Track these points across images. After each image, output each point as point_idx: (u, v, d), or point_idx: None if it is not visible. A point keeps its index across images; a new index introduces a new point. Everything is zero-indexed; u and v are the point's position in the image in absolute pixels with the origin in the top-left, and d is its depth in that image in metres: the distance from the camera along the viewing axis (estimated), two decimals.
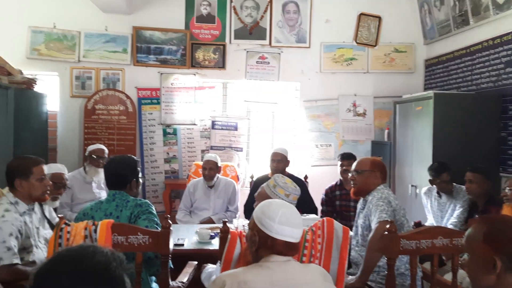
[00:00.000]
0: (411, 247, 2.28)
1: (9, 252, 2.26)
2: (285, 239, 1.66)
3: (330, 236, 2.21)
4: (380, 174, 2.87)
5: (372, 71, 5.42)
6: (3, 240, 2.26)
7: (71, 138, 5.03)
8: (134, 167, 2.54)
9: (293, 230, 1.68)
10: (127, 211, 2.36)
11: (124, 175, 2.47)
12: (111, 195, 2.44)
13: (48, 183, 2.54)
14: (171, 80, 5.15)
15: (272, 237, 1.66)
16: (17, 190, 2.46)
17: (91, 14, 4.95)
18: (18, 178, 2.44)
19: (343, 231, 2.23)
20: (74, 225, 2.08)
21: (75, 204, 3.81)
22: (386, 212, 2.56)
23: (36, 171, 2.47)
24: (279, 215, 1.67)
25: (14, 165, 2.49)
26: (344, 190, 4.03)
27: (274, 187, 2.53)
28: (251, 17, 5.21)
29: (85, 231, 2.06)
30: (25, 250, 2.43)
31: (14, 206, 2.42)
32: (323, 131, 5.38)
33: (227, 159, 5.11)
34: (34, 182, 2.47)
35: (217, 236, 3.13)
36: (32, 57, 4.94)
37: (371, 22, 5.37)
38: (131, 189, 2.50)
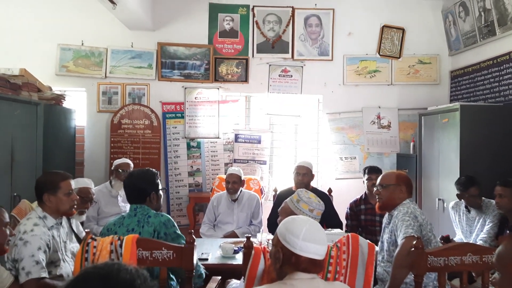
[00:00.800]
0: (439, 263, 2.22)
1: (38, 266, 2.30)
2: (309, 256, 1.64)
3: (355, 252, 2.18)
4: (406, 188, 2.81)
5: (396, 83, 5.36)
6: (31, 254, 2.31)
7: (97, 152, 5.14)
8: (152, 180, 2.56)
9: (317, 247, 1.65)
10: (149, 227, 2.38)
11: (142, 188, 2.50)
12: (132, 209, 2.48)
13: (75, 197, 2.59)
14: (194, 94, 5.21)
15: (296, 254, 1.63)
16: (46, 204, 2.51)
17: (117, 31, 5.09)
18: (47, 193, 2.49)
19: (369, 247, 2.20)
20: (100, 240, 2.11)
21: (101, 218, 3.87)
22: (412, 227, 2.50)
23: (63, 186, 2.53)
24: (304, 231, 1.65)
25: (42, 180, 2.55)
26: (369, 204, 3.97)
27: (297, 202, 2.51)
28: (274, 31, 5.25)
29: (110, 246, 2.08)
30: (52, 264, 2.47)
31: (42, 220, 2.47)
32: (347, 144, 5.33)
33: (250, 172, 5.12)
34: (62, 196, 2.51)
35: (241, 251, 3.12)
36: (61, 73, 5.09)
37: (395, 34, 5.33)
38: (151, 202, 2.52)
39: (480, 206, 3.53)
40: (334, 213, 3.93)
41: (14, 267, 2.34)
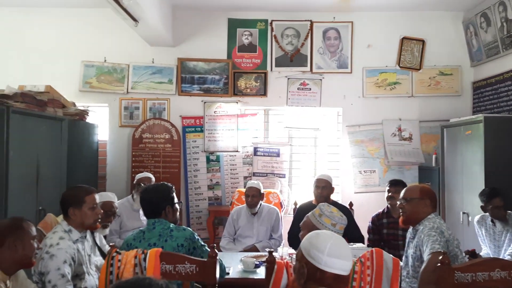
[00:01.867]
0: (467, 280, 2.17)
1: (63, 279, 2.33)
2: (334, 272, 1.62)
3: (380, 267, 2.15)
4: (430, 202, 2.77)
5: (417, 95, 5.31)
6: (57, 267, 2.34)
7: (119, 166, 5.21)
8: (167, 194, 2.59)
9: (343, 262, 1.63)
10: (173, 242, 2.40)
11: (157, 203, 2.54)
12: (150, 224, 2.51)
13: (99, 211, 2.63)
14: (214, 108, 5.26)
15: (321, 269, 1.62)
16: (71, 218, 2.55)
17: (139, 47, 5.20)
18: (72, 207, 2.54)
19: (394, 262, 2.17)
20: (124, 254, 2.13)
21: (123, 232, 3.90)
22: (439, 242, 2.45)
23: (88, 200, 2.57)
24: (328, 246, 1.63)
25: (68, 194, 2.60)
26: (391, 218, 3.90)
27: (319, 216, 2.49)
28: (292, 44, 5.28)
29: (135, 260, 2.10)
30: (77, 277, 2.50)
31: (68, 234, 2.51)
32: (366, 157, 5.28)
33: (270, 185, 5.11)
34: (86, 210, 2.56)
35: (262, 265, 3.11)
36: (84, 89, 5.21)
37: (414, 46, 5.30)
38: (167, 216, 2.55)
39: (506, 218, 3.44)
40: (356, 227, 3.88)
41: (40, 280, 2.38)
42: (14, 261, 2.07)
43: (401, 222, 2.88)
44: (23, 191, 3.45)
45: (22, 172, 3.42)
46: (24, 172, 3.46)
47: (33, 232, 2.16)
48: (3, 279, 2.05)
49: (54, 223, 2.99)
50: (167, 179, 4.89)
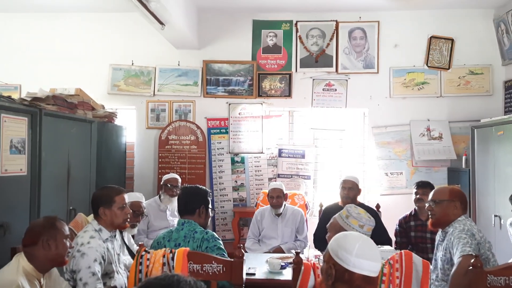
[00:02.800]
0: (500, 283, 2.11)
1: (94, 277, 2.38)
2: (363, 273, 1.61)
3: (409, 270, 2.12)
4: (460, 204, 2.71)
5: (446, 94, 5.20)
6: (88, 265, 2.40)
7: (146, 167, 5.30)
8: (204, 195, 2.66)
9: (371, 263, 1.62)
10: (194, 243, 2.44)
11: (193, 200, 2.59)
12: (180, 224, 2.55)
13: (128, 211, 2.68)
14: (238, 110, 5.29)
15: (349, 270, 1.61)
16: (101, 218, 2.61)
17: (165, 50, 5.27)
18: (102, 207, 2.60)
19: (423, 265, 2.13)
20: (153, 253, 2.16)
21: (151, 231, 3.97)
22: (470, 245, 2.40)
23: (118, 200, 2.62)
24: (357, 247, 1.62)
25: (98, 194, 2.66)
26: (419, 220, 3.85)
27: (347, 218, 2.47)
28: (317, 45, 5.25)
29: (163, 259, 2.13)
30: (107, 276, 2.56)
31: (98, 233, 2.57)
32: (393, 159, 5.20)
33: (294, 187, 5.09)
34: (116, 210, 2.61)
35: (288, 266, 3.10)
36: (112, 92, 5.33)
37: (443, 45, 5.19)
38: (200, 216, 2.58)
39: None
40: (383, 230, 3.83)
41: (72, 277, 2.44)
42: (48, 259, 2.14)
43: (430, 225, 2.83)
44: (55, 191, 3.55)
45: (54, 172, 3.52)
46: (55, 173, 3.56)
47: (66, 231, 2.22)
48: (37, 277, 2.12)
49: (85, 222, 3.07)
50: (193, 180, 4.96)
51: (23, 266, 2.07)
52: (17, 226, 3.03)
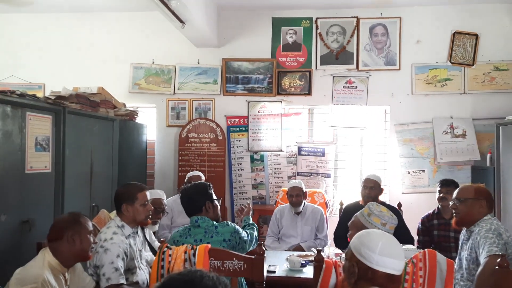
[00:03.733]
0: None
1: (117, 273, 2.41)
2: (386, 271, 1.59)
3: (433, 269, 2.08)
4: (486, 203, 2.66)
5: (470, 91, 5.08)
6: (111, 261, 2.43)
7: (167, 165, 5.35)
8: (205, 191, 2.68)
9: (395, 261, 1.61)
10: (219, 237, 2.46)
11: (196, 200, 2.62)
12: (194, 221, 2.58)
13: (150, 208, 2.71)
14: (258, 107, 5.28)
15: (372, 268, 1.59)
16: (124, 214, 2.64)
17: (185, 49, 5.31)
18: (125, 203, 2.63)
19: (448, 264, 2.09)
20: (175, 249, 2.18)
21: (174, 227, 4.00)
22: (496, 245, 2.34)
23: (140, 197, 2.65)
24: (380, 245, 1.61)
25: (121, 191, 2.69)
26: (442, 219, 3.78)
27: (368, 216, 2.44)
28: (337, 42, 5.20)
29: (184, 255, 2.15)
30: (129, 271, 2.59)
31: (120, 229, 2.60)
32: (415, 157, 5.11)
33: (314, 185, 5.06)
34: (138, 207, 2.64)
35: (308, 264, 3.09)
36: (133, 91, 5.39)
37: (467, 41, 5.08)
38: (208, 211, 2.60)
39: None
40: (405, 229, 3.77)
41: (95, 273, 2.48)
42: (72, 254, 2.17)
43: (454, 224, 2.79)
44: (78, 188, 3.61)
45: (77, 170, 3.58)
46: (79, 170, 3.62)
47: (89, 227, 2.25)
48: (62, 271, 2.16)
49: (108, 218, 3.11)
50: (212, 178, 4.98)
51: (49, 261, 2.11)
52: (41, 222, 3.10)
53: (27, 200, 3.01)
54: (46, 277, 2.01)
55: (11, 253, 2.84)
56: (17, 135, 2.92)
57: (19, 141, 2.94)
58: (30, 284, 1.96)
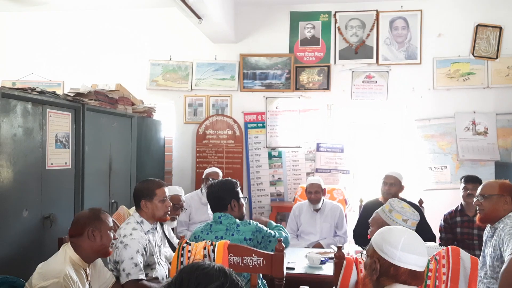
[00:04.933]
0: None
1: (136, 268, 2.42)
2: (409, 268, 1.56)
3: (456, 266, 2.03)
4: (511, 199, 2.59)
5: (493, 85, 4.95)
6: (131, 256, 2.44)
7: (184, 162, 5.36)
8: (231, 189, 2.63)
9: (418, 258, 1.58)
10: (240, 235, 2.43)
11: (222, 197, 2.58)
12: (216, 217, 2.55)
13: (169, 204, 2.71)
14: (275, 103, 5.25)
15: (395, 265, 1.57)
16: (143, 210, 2.65)
17: (202, 45, 5.31)
18: (144, 199, 2.63)
19: (472, 261, 2.04)
20: (194, 245, 2.17)
21: (191, 224, 4.02)
22: None
23: (159, 193, 2.65)
24: (402, 241, 1.58)
25: (140, 187, 2.70)
26: (465, 216, 3.70)
27: (390, 212, 2.40)
28: (357, 36, 5.12)
29: (204, 251, 2.14)
30: (149, 267, 2.60)
31: (140, 225, 2.61)
32: (437, 152, 5.01)
33: (333, 182, 5.01)
34: (157, 203, 2.64)
35: (328, 261, 3.06)
36: (151, 87, 5.41)
37: (490, 33, 4.95)
38: (233, 210, 2.58)
39: None
40: (427, 226, 3.70)
41: (115, 268, 2.50)
42: (93, 250, 2.19)
43: (478, 220, 2.74)
44: (97, 184, 3.64)
45: (96, 166, 3.61)
46: (98, 167, 3.65)
47: (110, 223, 2.26)
48: (83, 266, 2.17)
49: (127, 215, 3.13)
50: (230, 175, 4.97)
51: (70, 256, 2.13)
52: (62, 218, 3.14)
53: (48, 196, 3.04)
54: (68, 272, 2.03)
55: (33, 248, 2.88)
56: (37, 132, 2.95)
57: (39, 137, 2.97)
58: (53, 279, 1.98)
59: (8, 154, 2.66)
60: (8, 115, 2.67)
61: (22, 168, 2.81)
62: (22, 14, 5.56)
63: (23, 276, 2.39)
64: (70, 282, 2.02)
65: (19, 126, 2.78)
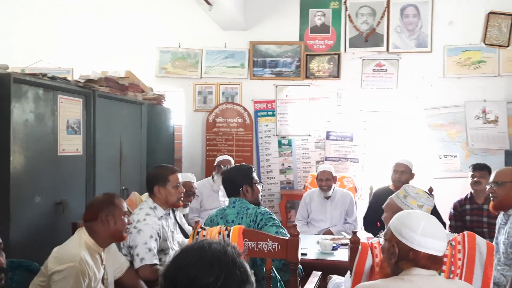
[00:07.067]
0: None
1: (150, 253, 2.44)
2: (429, 252, 1.56)
3: (472, 251, 2.02)
4: None
5: (504, 74, 4.90)
6: (144, 241, 2.46)
7: (194, 150, 5.36)
8: (245, 173, 2.62)
9: (437, 242, 1.58)
10: (247, 218, 2.44)
11: (235, 182, 2.58)
12: (231, 202, 2.56)
13: (182, 190, 2.72)
14: (285, 92, 5.22)
15: (414, 249, 1.56)
16: (156, 196, 2.66)
17: (212, 32, 5.27)
18: (157, 185, 2.64)
19: (488, 247, 2.03)
20: (209, 230, 2.18)
21: (202, 211, 4.03)
22: None
23: (172, 179, 2.66)
24: (422, 226, 1.58)
25: (153, 173, 2.71)
26: (475, 204, 3.71)
27: (404, 198, 2.39)
28: (367, 24, 5.07)
29: (218, 236, 2.14)
30: (162, 252, 2.61)
31: (153, 210, 2.62)
32: (447, 141, 4.99)
33: (343, 170, 5.01)
34: (171, 189, 2.65)
35: (340, 247, 3.07)
36: (160, 75, 5.40)
37: (502, 21, 4.88)
38: (245, 195, 2.57)
39: None
40: (437, 213, 3.69)
41: (129, 253, 2.51)
42: (107, 234, 2.19)
43: (492, 208, 2.75)
44: (109, 171, 3.65)
45: (107, 153, 3.61)
46: (109, 153, 3.66)
47: (124, 208, 2.27)
48: (98, 251, 2.19)
49: (139, 201, 3.14)
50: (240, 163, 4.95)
51: (85, 240, 2.14)
52: (74, 204, 3.15)
53: (60, 182, 3.05)
54: (83, 256, 2.04)
55: (46, 233, 2.89)
56: (49, 117, 2.95)
57: (51, 123, 2.97)
58: (68, 263, 1.99)
59: (20, 139, 2.66)
60: (20, 100, 2.66)
61: (34, 153, 2.81)
62: (29, 1, 5.53)
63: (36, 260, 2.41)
64: (86, 266, 2.03)
65: (30, 111, 2.78)
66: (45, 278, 2.01)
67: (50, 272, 1.98)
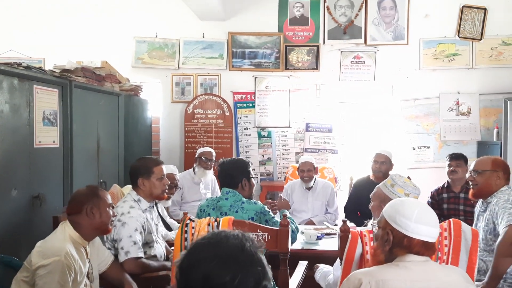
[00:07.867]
0: None
1: (135, 246, 2.39)
2: (423, 239, 1.59)
3: (458, 238, 2.08)
4: (504, 175, 2.71)
5: (477, 66, 5.04)
6: (129, 234, 2.40)
7: (172, 142, 5.27)
8: (243, 168, 2.65)
9: (430, 229, 1.61)
10: (244, 213, 2.44)
11: (234, 175, 2.58)
12: (224, 192, 2.56)
13: (166, 182, 2.67)
14: (265, 83, 5.21)
15: (408, 236, 1.59)
16: (140, 188, 2.60)
17: (189, 22, 5.16)
18: (141, 177, 2.58)
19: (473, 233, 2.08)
20: (198, 221, 2.15)
21: (184, 203, 3.98)
22: None
23: (156, 171, 2.61)
24: (416, 213, 1.61)
25: (137, 165, 2.65)
26: (452, 192, 3.81)
27: (392, 187, 2.42)
28: (345, 16, 5.10)
29: (208, 227, 2.12)
30: (147, 245, 2.57)
31: (137, 203, 2.56)
32: (421, 133, 5.10)
33: (322, 161, 5.04)
34: (155, 181, 2.60)
35: (324, 237, 3.10)
36: (136, 65, 5.26)
37: (475, 15, 5.01)
38: (243, 189, 2.58)
39: None
40: None
41: (113, 246, 2.46)
42: (92, 227, 2.14)
43: (471, 195, 2.82)
44: (86, 163, 3.55)
45: (84, 145, 3.52)
46: (86, 145, 3.56)
47: (108, 200, 2.21)
48: (83, 244, 2.13)
49: (120, 194, 3.07)
50: (220, 155, 4.90)
51: (70, 234, 2.08)
52: (51, 197, 3.06)
53: (37, 175, 2.95)
54: (68, 250, 1.98)
55: (24, 227, 2.80)
56: (24, 108, 2.84)
57: (27, 115, 2.86)
58: (54, 257, 1.93)
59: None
60: None
61: (10, 146, 2.71)
62: None
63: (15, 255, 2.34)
64: (71, 260, 1.98)
65: (6, 102, 2.67)
66: (29, 274, 1.94)
67: (34, 267, 1.92)
